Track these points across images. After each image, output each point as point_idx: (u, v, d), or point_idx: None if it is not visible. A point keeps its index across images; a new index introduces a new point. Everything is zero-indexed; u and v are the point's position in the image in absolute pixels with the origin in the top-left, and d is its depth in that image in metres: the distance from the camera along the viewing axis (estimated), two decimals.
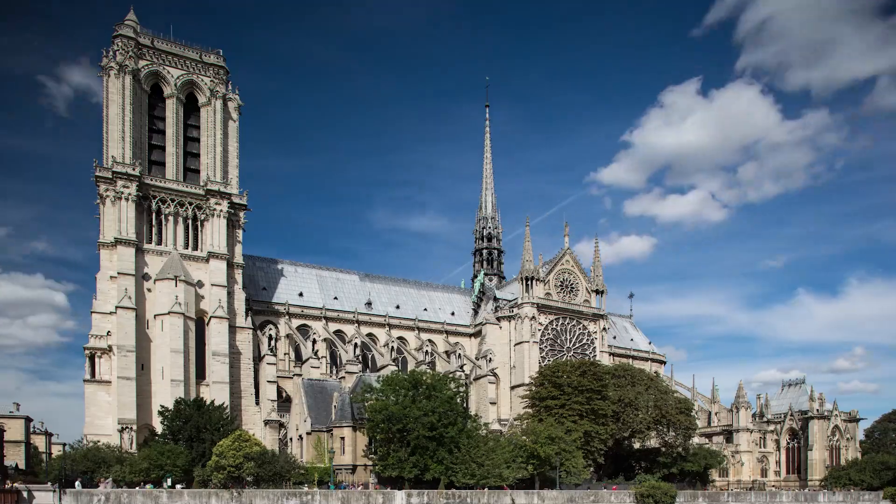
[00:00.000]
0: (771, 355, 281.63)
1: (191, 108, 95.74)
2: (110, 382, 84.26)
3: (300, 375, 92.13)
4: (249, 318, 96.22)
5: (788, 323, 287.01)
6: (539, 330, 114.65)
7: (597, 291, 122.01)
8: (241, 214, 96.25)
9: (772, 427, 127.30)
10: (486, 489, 64.32)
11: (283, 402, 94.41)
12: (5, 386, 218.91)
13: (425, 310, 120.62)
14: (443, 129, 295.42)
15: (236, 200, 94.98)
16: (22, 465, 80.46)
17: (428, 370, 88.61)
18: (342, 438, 73.25)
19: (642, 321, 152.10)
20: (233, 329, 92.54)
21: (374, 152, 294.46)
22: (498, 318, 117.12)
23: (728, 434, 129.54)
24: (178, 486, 57.60)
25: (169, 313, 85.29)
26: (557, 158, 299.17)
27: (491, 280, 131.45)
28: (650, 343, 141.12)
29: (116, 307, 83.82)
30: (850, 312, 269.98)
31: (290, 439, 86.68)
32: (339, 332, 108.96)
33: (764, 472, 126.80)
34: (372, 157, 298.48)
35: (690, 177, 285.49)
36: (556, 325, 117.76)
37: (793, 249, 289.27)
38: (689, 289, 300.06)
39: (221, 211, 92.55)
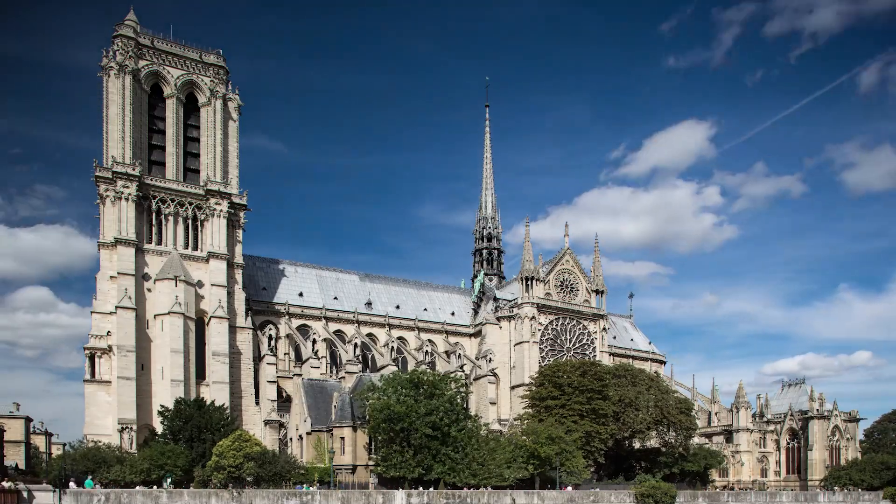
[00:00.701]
0: (801, 351, 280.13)
1: (191, 108, 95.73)
2: (110, 382, 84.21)
3: (300, 375, 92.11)
4: (249, 318, 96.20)
5: (825, 320, 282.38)
6: (539, 330, 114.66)
7: (597, 291, 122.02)
8: (241, 214, 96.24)
9: (772, 427, 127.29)
10: (488, 488, 64.37)
11: (283, 402, 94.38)
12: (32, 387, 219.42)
13: (425, 310, 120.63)
14: (443, 128, 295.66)
15: (236, 200, 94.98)
16: (22, 465, 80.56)
17: (428, 370, 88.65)
18: (342, 438, 73.23)
19: (675, 318, 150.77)
20: (233, 329, 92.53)
21: (375, 152, 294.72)
22: (498, 318, 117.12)
23: (728, 434, 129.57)
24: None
25: (169, 313, 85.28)
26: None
27: (491, 280, 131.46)
28: (650, 343, 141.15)
29: (116, 307, 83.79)
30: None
31: (290, 439, 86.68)
32: (339, 332, 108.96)
33: (764, 472, 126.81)
34: (382, 154, 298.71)
35: None
36: (556, 325, 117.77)
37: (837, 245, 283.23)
38: (730, 285, 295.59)
39: (221, 211, 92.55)
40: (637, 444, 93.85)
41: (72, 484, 53.91)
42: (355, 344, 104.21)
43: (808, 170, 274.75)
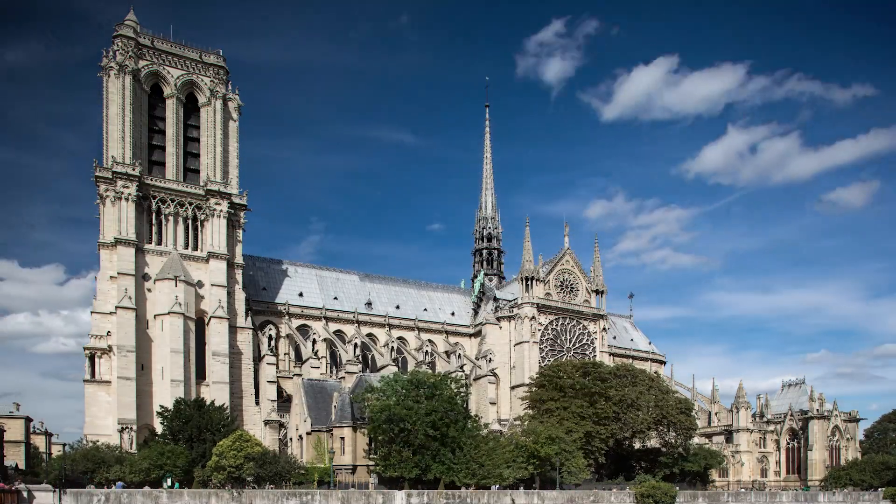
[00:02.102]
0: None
1: (191, 108, 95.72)
2: (110, 382, 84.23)
3: (300, 375, 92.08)
4: (249, 319, 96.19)
5: None
6: (539, 330, 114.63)
7: (597, 291, 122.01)
8: (242, 214, 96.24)
9: (772, 427, 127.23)
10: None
11: (283, 402, 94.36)
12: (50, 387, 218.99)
13: (425, 310, 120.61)
14: (443, 128, 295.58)
15: (236, 200, 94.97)
16: (22, 465, 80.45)
17: (428, 370, 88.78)
18: (342, 438, 73.25)
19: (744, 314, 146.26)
20: (233, 329, 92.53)
21: (375, 152, 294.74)
22: (498, 319, 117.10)
23: (728, 434, 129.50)
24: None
25: (169, 313, 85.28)
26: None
27: (491, 280, 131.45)
28: (650, 343, 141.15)
29: (116, 307, 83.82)
30: None
31: (290, 439, 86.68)
32: (339, 332, 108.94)
33: (764, 473, 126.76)
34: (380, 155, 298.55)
35: None
36: (556, 326, 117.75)
37: None
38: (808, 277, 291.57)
39: (221, 211, 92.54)
40: (637, 445, 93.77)
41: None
42: (355, 344, 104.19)
43: None
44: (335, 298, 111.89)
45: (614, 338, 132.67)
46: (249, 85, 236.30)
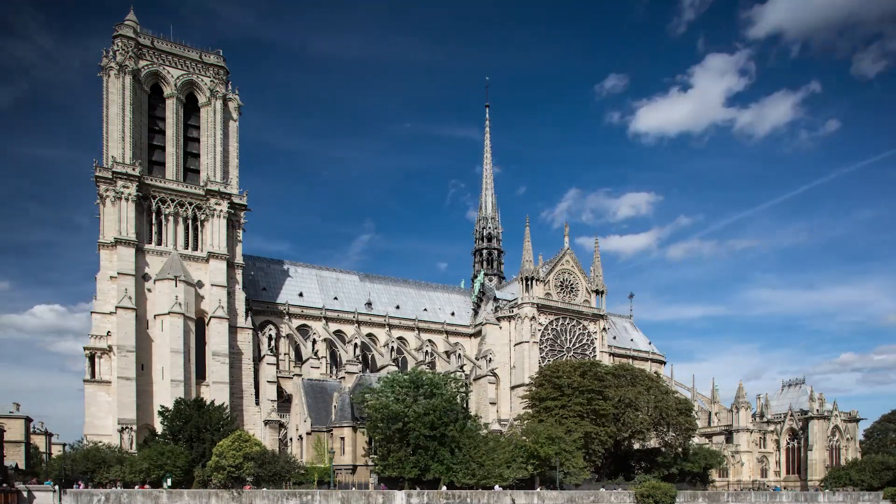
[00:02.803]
0: None
1: (191, 108, 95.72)
2: (110, 382, 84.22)
3: (300, 375, 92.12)
4: (249, 319, 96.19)
5: None
6: (539, 330, 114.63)
7: (597, 291, 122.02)
8: (242, 214, 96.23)
9: (772, 427, 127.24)
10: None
11: (284, 402, 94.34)
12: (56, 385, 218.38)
13: (425, 310, 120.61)
14: (442, 129, 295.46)
15: (236, 200, 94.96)
16: (22, 465, 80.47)
17: (428, 370, 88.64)
18: (342, 438, 73.26)
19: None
20: (233, 329, 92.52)
21: (375, 152, 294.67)
22: (498, 319, 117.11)
23: (728, 434, 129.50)
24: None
25: (169, 313, 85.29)
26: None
27: (491, 280, 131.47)
28: (650, 343, 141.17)
29: (116, 307, 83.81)
30: None
31: (290, 439, 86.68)
32: (339, 333, 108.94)
33: (764, 473, 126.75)
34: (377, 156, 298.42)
35: None
36: (556, 326, 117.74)
37: None
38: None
39: (221, 211, 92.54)
40: (637, 445, 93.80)
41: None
42: (355, 344, 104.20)
43: None
44: (335, 298, 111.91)
45: (614, 338, 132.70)
46: (250, 84, 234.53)
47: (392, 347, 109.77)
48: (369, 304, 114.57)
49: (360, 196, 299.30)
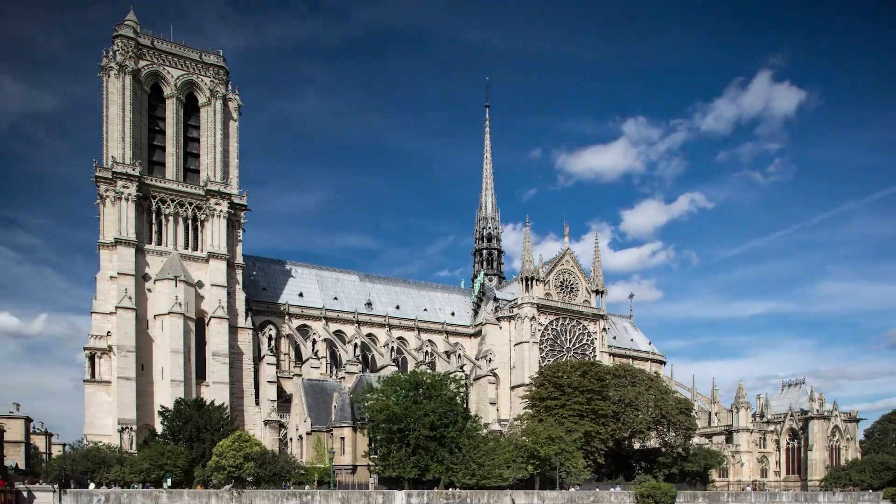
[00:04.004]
0: None
1: (191, 108, 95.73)
2: (110, 383, 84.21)
3: (300, 375, 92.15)
4: (249, 319, 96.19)
5: None
6: (539, 330, 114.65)
7: (597, 292, 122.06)
8: (242, 214, 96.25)
9: (772, 427, 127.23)
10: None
11: (284, 402, 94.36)
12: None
13: (425, 310, 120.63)
14: (442, 130, 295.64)
15: (236, 200, 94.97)
16: (22, 465, 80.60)
17: (428, 370, 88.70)
18: (342, 439, 73.28)
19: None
20: (233, 329, 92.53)
21: (375, 152, 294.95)
22: (498, 319, 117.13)
23: (728, 434, 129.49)
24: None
25: (169, 313, 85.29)
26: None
27: (491, 280, 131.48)
28: (650, 343, 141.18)
29: (116, 307, 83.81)
30: None
31: (290, 439, 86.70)
32: (339, 333, 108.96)
33: (764, 473, 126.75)
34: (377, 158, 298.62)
35: None
36: (556, 326, 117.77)
37: None
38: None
39: (221, 211, 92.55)
40: (637, 445, 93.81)
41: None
42: (355, 344, 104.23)
43: None
44: (335, 298, 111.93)
45: (614, 338, 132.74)
46: (250, 84, 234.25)
47: (392, 347, 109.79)
48: (369, 304, 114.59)
49: (360, 195, 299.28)
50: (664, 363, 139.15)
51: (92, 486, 57.21)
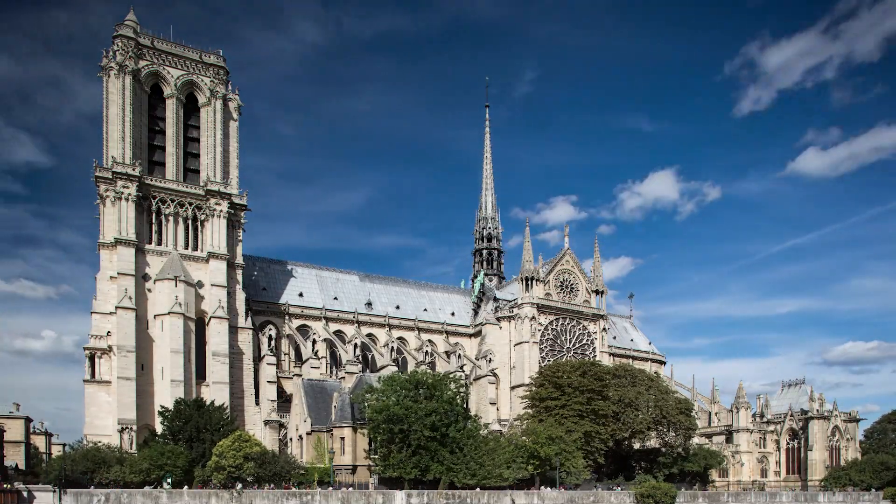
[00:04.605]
0: None
1: (191, 108, 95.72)
2: (110, 383, 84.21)
3: (300, 375, 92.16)
4: (250, 319, 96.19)
5: None
6: (539, 330, 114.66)
7: (597, 292, 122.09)
8: (242, 214, 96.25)
9: (772, 427, 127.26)
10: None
11: (284, 402, 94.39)
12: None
13: (425, 310, 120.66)
14: (442, 129, 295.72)
15: (236, 201, 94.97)
16: (22, 465, 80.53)
17: (428, 370, 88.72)
18: (342, 439, 73.28)
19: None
20: (233, 329, 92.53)
21: (375, 152, 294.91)
22: (498, 319, 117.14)
23: (728, 434, 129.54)
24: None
25: (169, 313, 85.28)
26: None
27: (491, 280, 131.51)
28: (650, 343, 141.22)
29: (116, 307, 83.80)
30: None
31: (290, 439, 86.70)
32: (339, 333, 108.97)
33: (764, 473, 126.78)
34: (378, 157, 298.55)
35: None
36: (556, 326, 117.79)
37: None
38: None
39: (221, 211, 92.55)
40: (637, 445, 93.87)
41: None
42: (355, 344, 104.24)
43: None
44: (335, 298, 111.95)
45: (614, 338, 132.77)
46: (250, 84, 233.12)
47: (392, 347, 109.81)
48: (369, 304, 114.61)
49: (359, 196, 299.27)
50: (664, 363, 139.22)
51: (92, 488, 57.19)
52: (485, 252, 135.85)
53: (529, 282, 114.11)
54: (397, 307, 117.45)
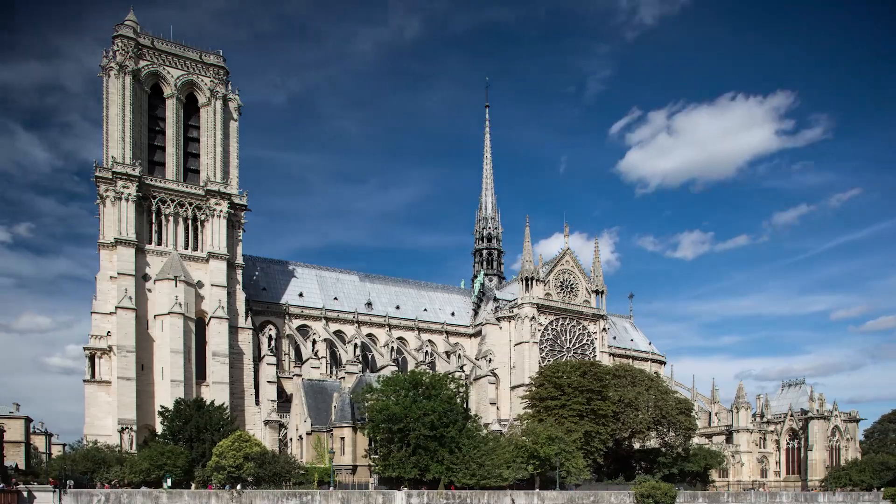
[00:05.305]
0: None
1: (191, 108, 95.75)
2: (110, 383, 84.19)
3: (300, 376, 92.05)
4: (250, 319, 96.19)
5: None
6: (539, 330, 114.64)
7: (597, 292, 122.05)
8: (242, 215, 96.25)
9: (772, 427, 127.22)
10: (493, 489, 64.33)
11: (284, 402, 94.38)
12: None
13: (425, 310, 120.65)
14: (442, 129, 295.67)
15: (236, 201, 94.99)
16: (22, 466, 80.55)
17: (428, 370, 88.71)
18: (342, 439, 73.25)
19: None
20: (233, 329, 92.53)
21: (375, 152, 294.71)
22: (498, 319, 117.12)
23: (728, 434, 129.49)
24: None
25: (169, 313, 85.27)
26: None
27: (491, 280, 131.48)
28: (650, 343, 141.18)
29: (116, 307, 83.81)
30: None
31: (290, 439, 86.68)
32: (339, 333, 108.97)
33: (764, 473, 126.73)
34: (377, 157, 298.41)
35: None
36: (556, 326, 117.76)
37: None
38: None
39: (221, 211, 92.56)
40: (637, 445, 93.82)
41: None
42: (355, 344, 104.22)
43: None
44: (335, 299, 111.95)
45: (614, 338, 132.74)
46: (250, 85, 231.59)
47: (392, 347, 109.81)
48: (369, 304, 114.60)
49: (359, 196, 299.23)
50: (664, 363, 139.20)
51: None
52: (485, 252, 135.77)
53: (529, 282, 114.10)
54: (397, 307, 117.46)
